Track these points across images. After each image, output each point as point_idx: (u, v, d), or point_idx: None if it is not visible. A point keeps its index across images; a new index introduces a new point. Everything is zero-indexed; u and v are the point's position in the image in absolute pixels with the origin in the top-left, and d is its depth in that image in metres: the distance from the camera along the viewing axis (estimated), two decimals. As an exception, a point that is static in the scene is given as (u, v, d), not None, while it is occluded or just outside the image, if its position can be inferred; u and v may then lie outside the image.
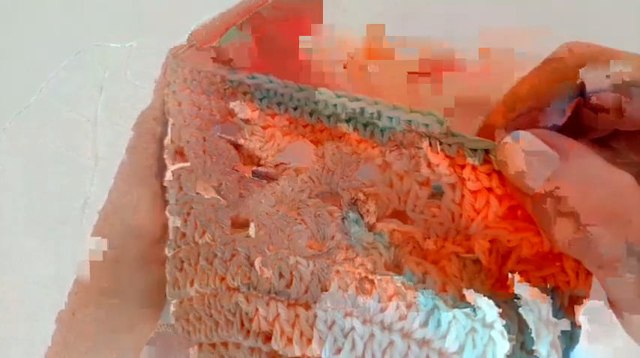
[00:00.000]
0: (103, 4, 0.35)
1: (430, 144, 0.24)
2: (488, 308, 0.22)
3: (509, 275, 0.23)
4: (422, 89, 0.33)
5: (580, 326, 0.22)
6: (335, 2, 0.33)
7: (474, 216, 0.24)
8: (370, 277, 0.24)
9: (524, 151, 0.21)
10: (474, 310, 0.22)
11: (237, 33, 0.30)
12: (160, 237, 0.31)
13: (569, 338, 0.22)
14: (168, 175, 0.30)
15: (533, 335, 0.22)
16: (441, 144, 0.24)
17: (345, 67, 0.33)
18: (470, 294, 0.22)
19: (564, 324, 0.22)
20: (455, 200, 0.24)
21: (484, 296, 0.22)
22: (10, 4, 0.36)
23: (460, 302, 0.23)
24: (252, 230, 0.27)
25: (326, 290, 0.25)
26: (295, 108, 0.27)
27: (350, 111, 0.26)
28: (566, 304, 0.22)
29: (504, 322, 0.22)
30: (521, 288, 0.22)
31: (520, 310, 0.22)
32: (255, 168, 0.29)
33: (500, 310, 0.22)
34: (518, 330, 0.22)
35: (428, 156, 0.24)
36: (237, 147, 0.29)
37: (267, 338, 0.25)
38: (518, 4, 0.37)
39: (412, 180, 0.25)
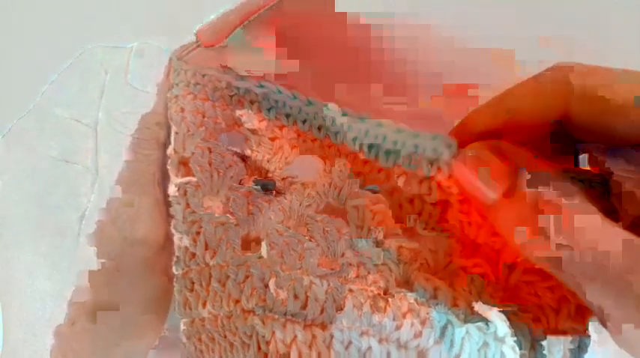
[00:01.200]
0: (103, 4, 0.33)
1: (440, 169, 0.23)
2: (499, 321, 0.22)
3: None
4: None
5: (589, 336, 0.23)
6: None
7: (482, 223, 0.24)
8: (383, 295, 0.25)
9: (478, 165, 0.22)
10: (487, 323, 0.23)
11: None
12: (164, 244, 0.30)
13: (578, 347, 0.23)
14: (173, 190, 0.28)
15: (545, 351, 0.23)
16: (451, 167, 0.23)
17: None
18: (480, 307, 0.23)
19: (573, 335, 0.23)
20: (463, 210, 0.24)
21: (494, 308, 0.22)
22: (10, 4, 0.33)
23: (472, 316, 0.23)
24: (264, 249, 0.27)
25: (341, 310, 0.25)
26: (304, 122, 0.27)
27: (355, 131, 0.25)
28: (573, 314, 0.23)
29: (515, 338, 0.22)
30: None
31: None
32: (255, 177, 0.28)
33: (510, 322, 0.22)
34: (531, 347, 0.23)
35: (438, 180, 0.24)
36: (244, 158, 0.29)
37: None
38: (519, 3, 0.37)
39: (423, 201, 0.25)
